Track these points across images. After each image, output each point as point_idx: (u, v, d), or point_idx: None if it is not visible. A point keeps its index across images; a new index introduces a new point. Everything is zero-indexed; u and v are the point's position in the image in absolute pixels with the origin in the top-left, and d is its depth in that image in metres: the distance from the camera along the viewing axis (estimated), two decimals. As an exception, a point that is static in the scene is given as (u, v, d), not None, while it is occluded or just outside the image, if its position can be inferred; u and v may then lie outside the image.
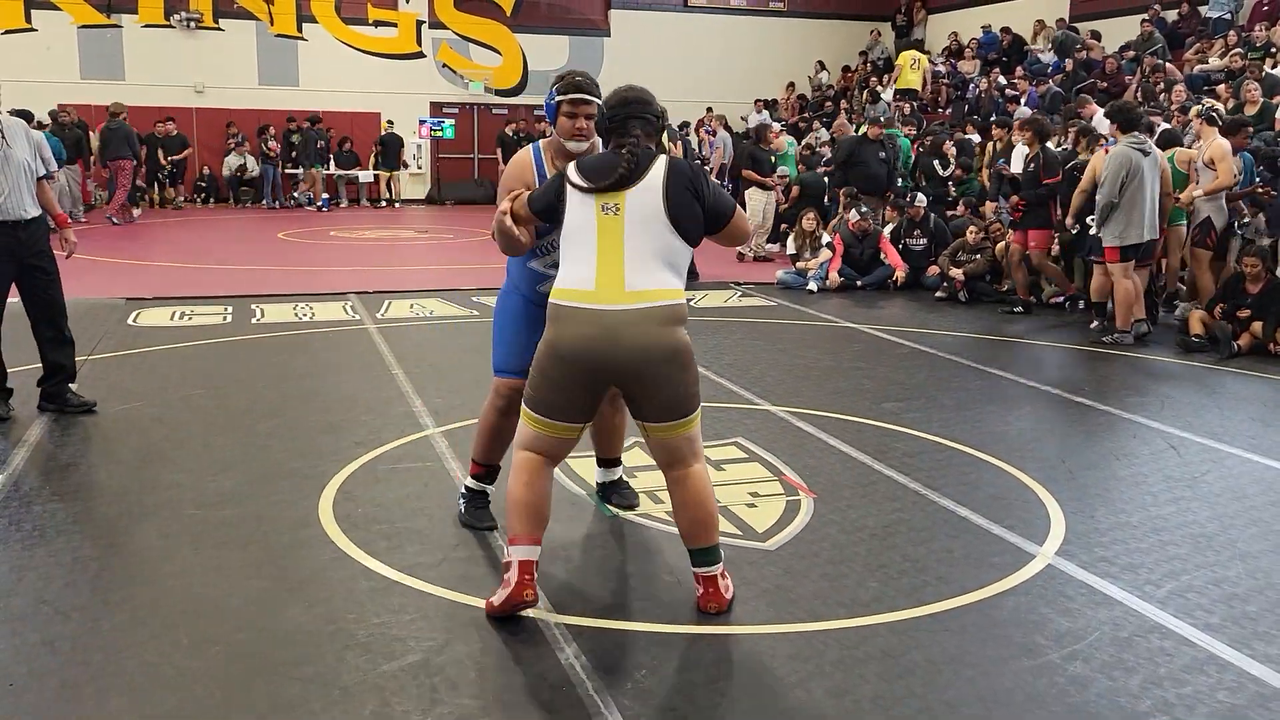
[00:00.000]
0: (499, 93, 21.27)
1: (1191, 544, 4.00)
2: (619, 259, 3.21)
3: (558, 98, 3.67)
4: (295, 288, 9.82)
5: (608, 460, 4.32)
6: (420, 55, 21.17)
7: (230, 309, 8.65)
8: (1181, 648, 3.17)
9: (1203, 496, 4.56)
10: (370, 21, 20.68)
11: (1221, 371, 7.13)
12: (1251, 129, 9.69)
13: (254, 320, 8.26)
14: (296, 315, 8.51)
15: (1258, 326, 7.63)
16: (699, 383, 3.33)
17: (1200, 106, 10.12)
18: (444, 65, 21.28)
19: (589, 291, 3.20)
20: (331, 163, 19.93)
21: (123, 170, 15.50)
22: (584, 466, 4.73)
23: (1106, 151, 8.13)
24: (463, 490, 4.13)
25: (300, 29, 20.27)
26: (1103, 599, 3.50)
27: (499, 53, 21.60)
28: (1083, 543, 3.98)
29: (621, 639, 3.14)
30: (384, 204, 19.97)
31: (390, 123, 20.04)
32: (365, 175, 20.25)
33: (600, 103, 3.57)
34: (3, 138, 5.28)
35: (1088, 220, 8.22)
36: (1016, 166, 10.20)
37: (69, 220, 6.22)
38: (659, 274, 3.23)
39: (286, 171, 19.62)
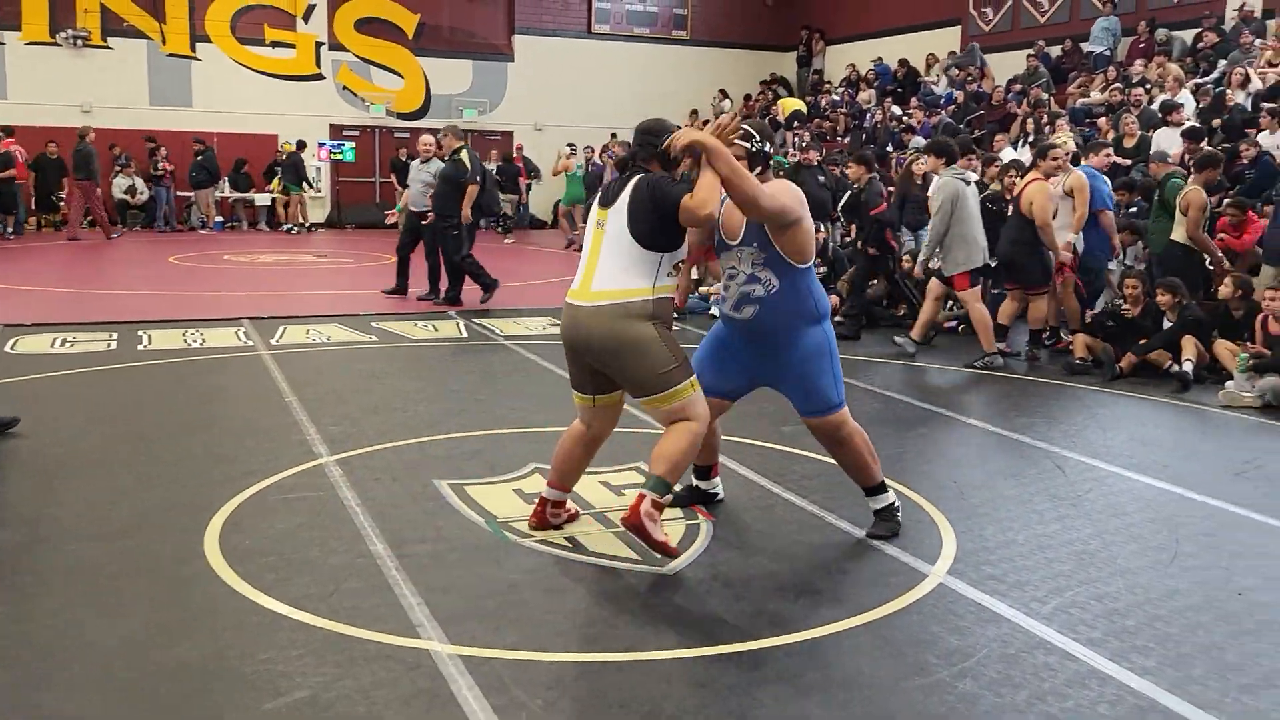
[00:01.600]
0: (401, 116, 21.08)
1: (1075, 561, 4.12)
2: (595, 264, 3.94)
3: None
4: (185, 313, 9.55)
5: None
6: (319, 77, 20.88)
7: (115, 335, 8.36)
8: (1065, 662, 3.26)
9: (1085, 514, 4.71)
10: (267, 42, 20.33)
11: (1104, 393, 7.39)
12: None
13: (140, 347, 8.00)
14: (186, 342, 8.26)
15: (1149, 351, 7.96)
16: (672, 366, 3.82)
17: (1066, 137, 10.52)
18: (344, 87, 21.02)
19: (574, 290, 3.98)
20: (226, 185, 19.49)
21: (85, 193, 16.64)
22: (482, 493, 4.68)
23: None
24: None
25: (194, 49, 19.83)
26: (991, 616, 3.58)
27: (401, 76, 21.42)
28: (972, 561, 4.07)
29: (518, 669, 3.10)
30: (295, 229, 19.42)
31: (300, 144, 19.64)
32: (262, 198, 19.83)
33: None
34: None
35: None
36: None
37: None
38: (621, 277, 3.85)
39: (179, 194, 19.11)
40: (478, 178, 10.27)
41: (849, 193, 10.38)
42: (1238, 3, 14.34)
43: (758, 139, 4.09)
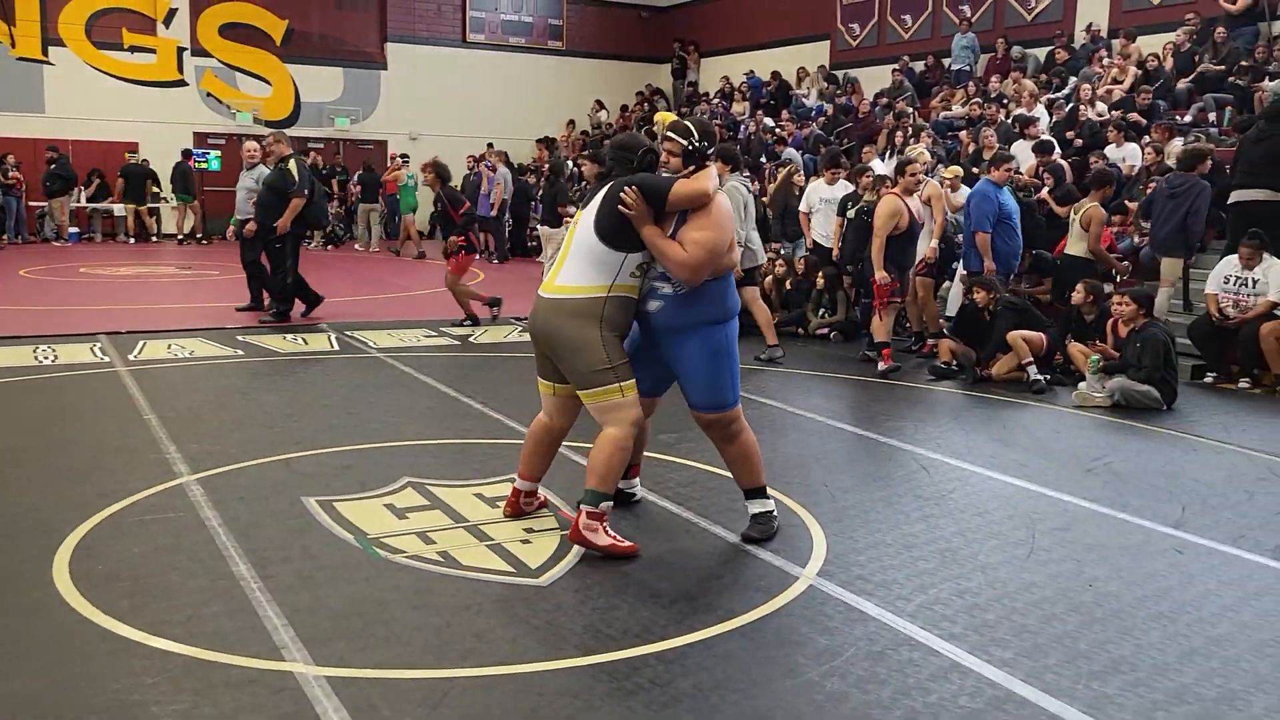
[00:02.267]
0: (269, 124, 20.51)
1: (939, 559, 4.25)
2: (563, 260, 4.21)
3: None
4: (36, 329, 9.09)
5: (745, 491, 4.50)
6: (182, 84, 20.19)
7: (-41, 353, 7.90)
8: (929, 658, 3.36)
9: (949, 513, 4.86)
10: (125, 46, 19.57)
11: (967, 395, 7.66)
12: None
13: (-13, 364, 7.58)
14: (37, 359, 7.87)
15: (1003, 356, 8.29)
16: (603, 366, 4.05)
17: (921, 149, 10.91)
18: (208, 94, 20.38)
19: (543, 283, 4.28)
20: (81, 195, 18.66)
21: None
22: (352, 510, 4.58)
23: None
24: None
25: (46, 52, 18.97)
26: (859, 616, 3.66)
27: (268, 83, 20.89)
28: (842, 562, 4.16)
29: (387, 688, 3.03)
30: (185, 240, 18.68)
31: (185, 153, 18.92)
32: (119, 209, 19.04)
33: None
34: None
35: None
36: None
37: None
38: (583, 274, 4.11)
39: (30, 204, 18.22)
40: (305, 190, 9.76)
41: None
42: (1086, 21, 15.08)
43: (695, 137, 4.18)
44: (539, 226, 11.54)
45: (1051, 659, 3.38)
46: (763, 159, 15.73)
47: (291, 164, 9.82)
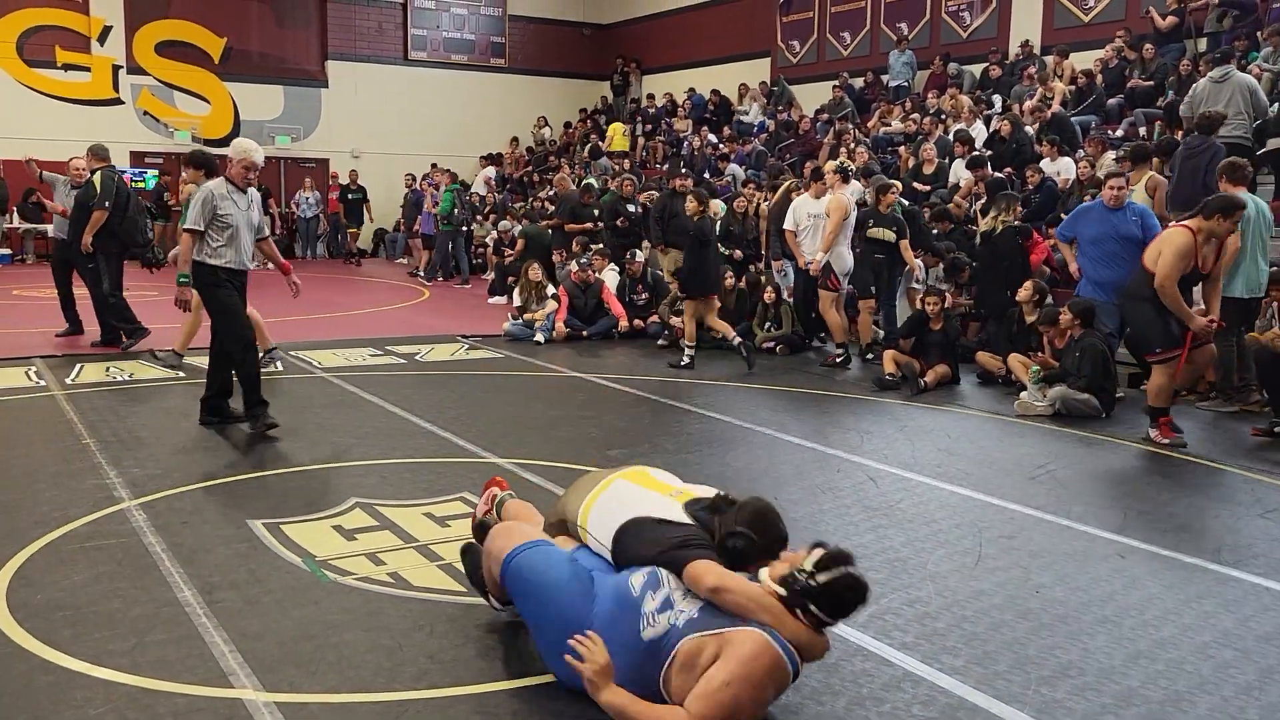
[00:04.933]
0: (208, 143, 20.19)
1: (889, 568, 4.29)
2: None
3: None
4: (-32, 353, 8.85)
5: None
6: (118, 102, 19.84)
7: (-113, 379, 7.67)
8: (881, 668, 3.38)
9: (898, 523, 4.91)
10: (59, 65, 19.19)
11: (912, 406, 7.75)
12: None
13: (-84, 390, 7.36)
14: (-31, 383, 7.66)
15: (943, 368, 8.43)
16: None
17: (835, 162, 11.05)
18: (145, 113, 20.04)
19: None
20: (15, 215, 18.23)
21: None
22: (300, 532, 4.51)
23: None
24: None
25: (-25, 70, 18.53)
26: (812, 627, 3.68)
27: (207, 101, 20.60)
28: (793, 575, 4.18)
29: (339, 713, 2.98)
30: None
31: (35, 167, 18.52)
32: (53, 230, 18.61)
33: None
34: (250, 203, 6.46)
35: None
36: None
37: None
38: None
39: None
40: (106, 203, 9.05)
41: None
42: (1020, 39, 15.40)
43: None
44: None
45: (1001, 665, 3.42)
46: (705, 174, 15.83)
47: (97, 177, 9.23)
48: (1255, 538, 4.84)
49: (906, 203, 10.25)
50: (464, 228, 17.05)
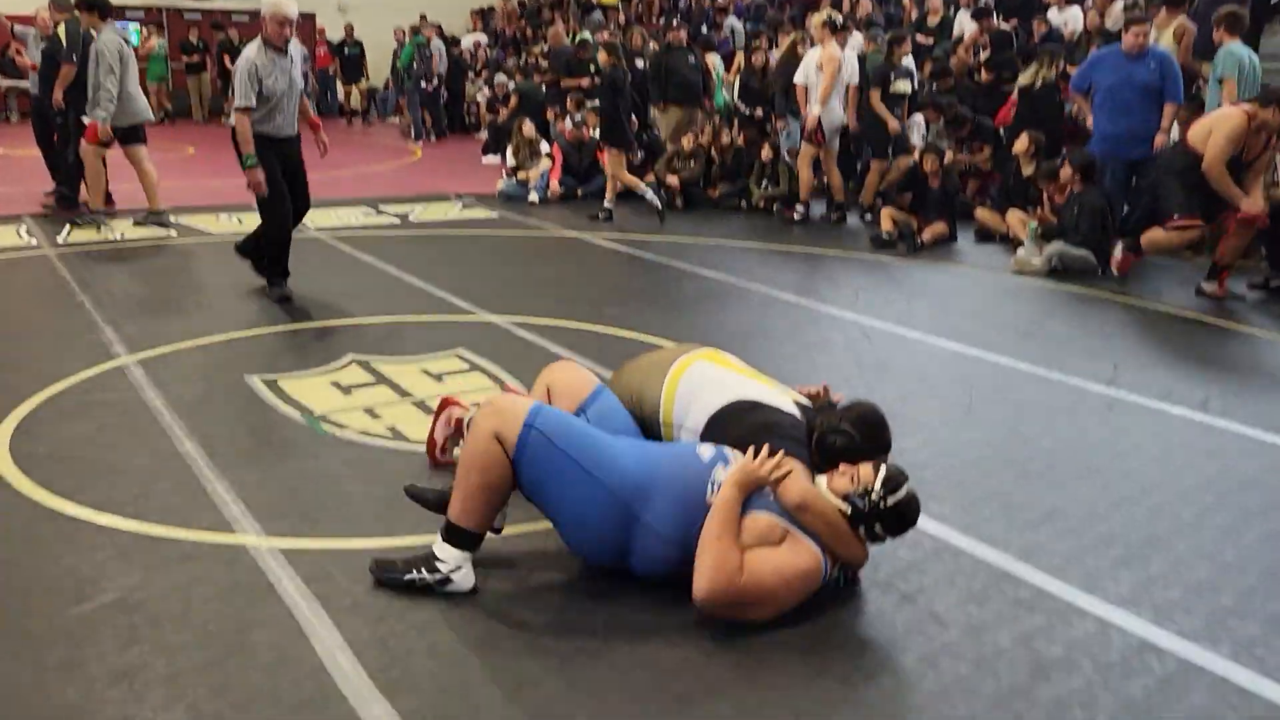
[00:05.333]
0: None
1: (880, 421, 4.34)
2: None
3: None
4: (-43, 213, 8.76)
5: None
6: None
7: (-124, 239, 7.61)
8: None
9: (891, 379, 4.96)
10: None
11: (908, 264, 7.73)
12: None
13: (-93, 250, 7.32)
14: (-40, 243, 7.60)
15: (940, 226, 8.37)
16: None
17: (823, 14, 10.65)
18: (123, -36, 19.30)
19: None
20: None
21: None
22: (297, 388, 4.55)
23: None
24: None
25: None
26: (802, 476, 3.74)
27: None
28: (786, 427, 4.23)
29: (340, 558, 3.06)
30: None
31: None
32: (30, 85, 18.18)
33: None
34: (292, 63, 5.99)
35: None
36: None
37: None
38: None
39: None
40: (73, 56, 8.43)
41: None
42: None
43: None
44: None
45: (986, 511, 3.50)
46: (703, 28, 15.39)
47: (62, 29, 8.69)
48: (1243, 389, 4.90)
49: (911, 57, 9.98)
50: (423, 83, 16.52)
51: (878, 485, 2.81)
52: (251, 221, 6.65)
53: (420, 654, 2.57)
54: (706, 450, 2.96)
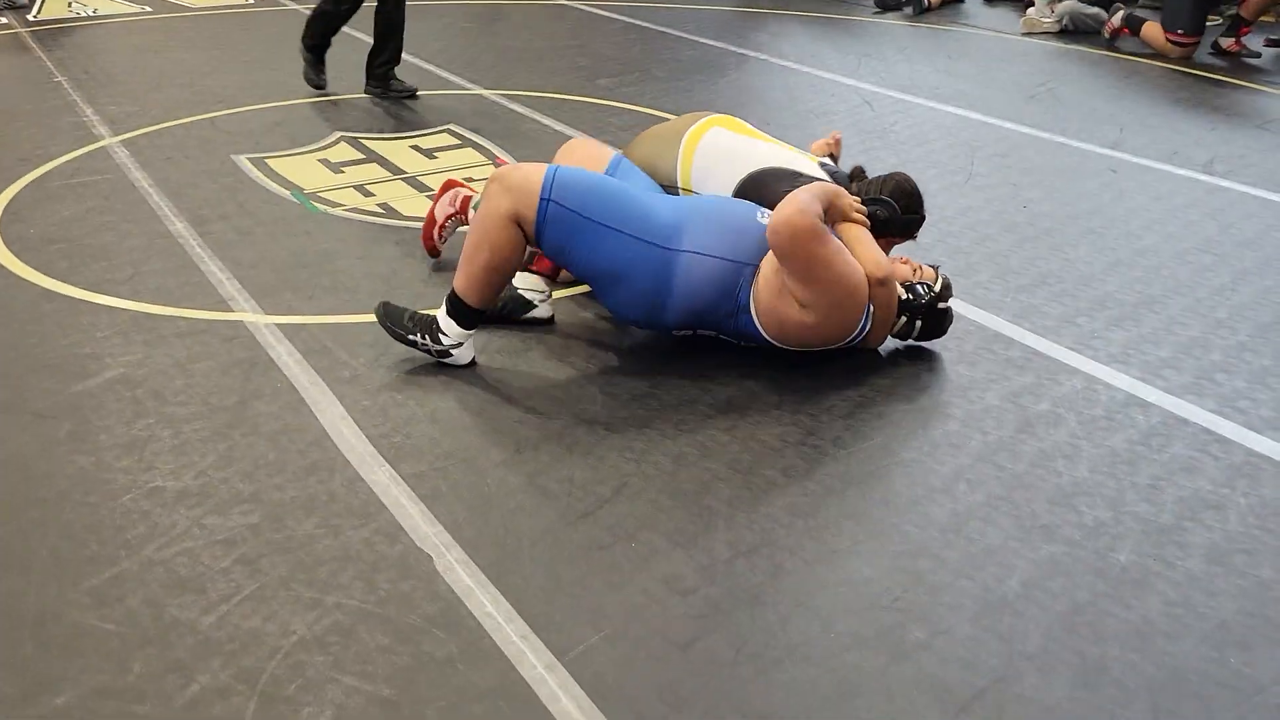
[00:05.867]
0: None
1: (879, 188, 4.28)
2: None
3: None
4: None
5: None
6: None
7: None
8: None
9: (891, 145, 4.85)
10: None
11: (914, 27, 7.43)
12: None
13: (-128, 32, 7.03)
14: (-73, 23, 7.30)
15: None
16: None
17: None
18: None
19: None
20: None
21: None
22: (286, 166, 4.47)
23: None
24: None
25: None
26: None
27: None
28: (783, 196, 4.18)
29: (338, 332, 3.08)
30: None
31: None
32: None
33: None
34: None
35: None
36: None
37: None
38: None
39: None
40: None
41: None
42: None
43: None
44: None
45: (982, 275, 3.50)
46: None
47: None
48: (1249, 148, 4.80)
49: None
50: None
51: (938, 286, 2.89)
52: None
53: (421, 421, 2.62)
54: (766, 214, 2.84)
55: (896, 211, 3.01)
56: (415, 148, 4.76)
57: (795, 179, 3.01)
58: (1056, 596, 2.06)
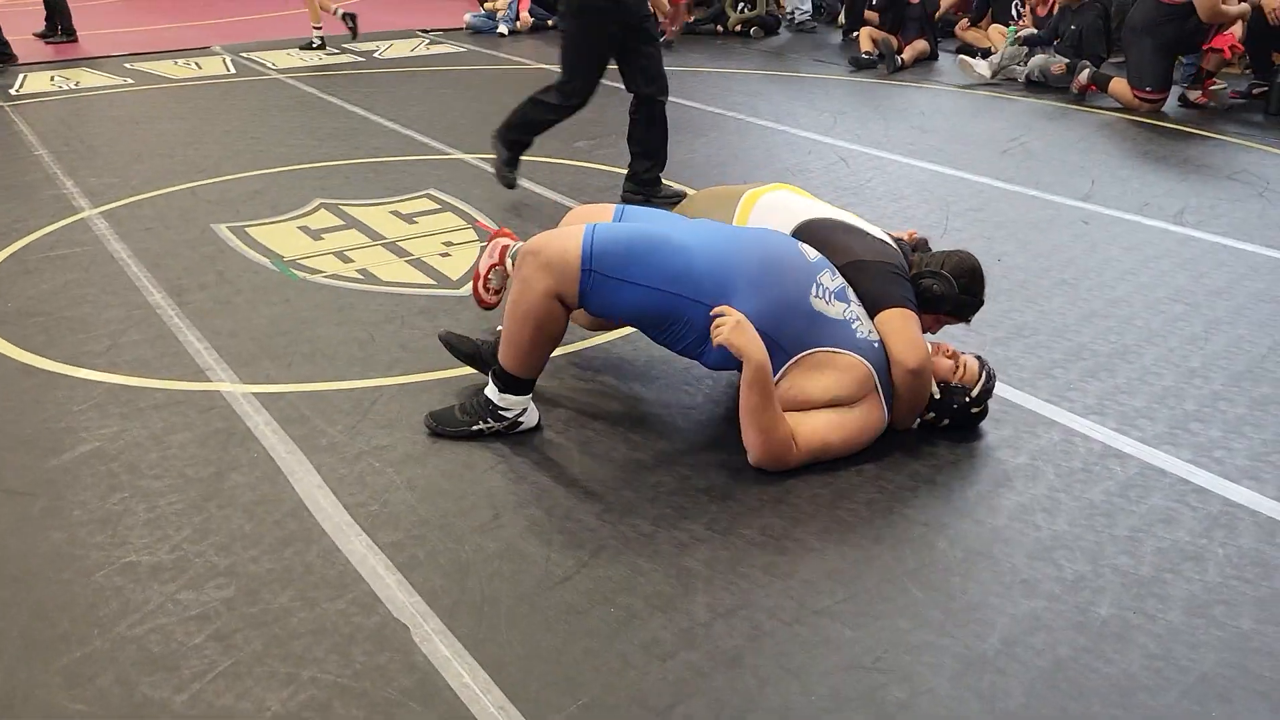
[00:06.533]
0: None
1: (854, 244, 4.32)
2: None
3: None
4: (-96, 68, 8.44)
5: None
6: None
7: None
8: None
9: (867, 201, 4.91)
10: None
11: (888, 85, 7.56)
12: None
13: None
14: (-91, 100, 7.36)
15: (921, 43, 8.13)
16: None
17: None
18: None
19: None
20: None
21: None
22: (265, 234, 4.49)
23: None
24: None
25: None
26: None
27: None
28: (759, 254, 4.21)
29: (316, 400, 3.08)
30: None
31: None
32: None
33: None
34: None
35: None
36: None
37: None
38: None
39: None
40: None
41: None
42: None
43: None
44: None
45: (958, 329, 3.52)
46: None
47: None
48: (1219, 198, 4.87)
49: None
50: None
51: (977, 390, 2.79)
52: (210, 67, 6.43)
53: (399, 488, 2.61)
54: (811, 251, 2.74)
55: (953, 288, 2.87)
56: (395, 213, 4.79)
57: (858, 233, 2.92)
58: (1038, 652, 2.05)
